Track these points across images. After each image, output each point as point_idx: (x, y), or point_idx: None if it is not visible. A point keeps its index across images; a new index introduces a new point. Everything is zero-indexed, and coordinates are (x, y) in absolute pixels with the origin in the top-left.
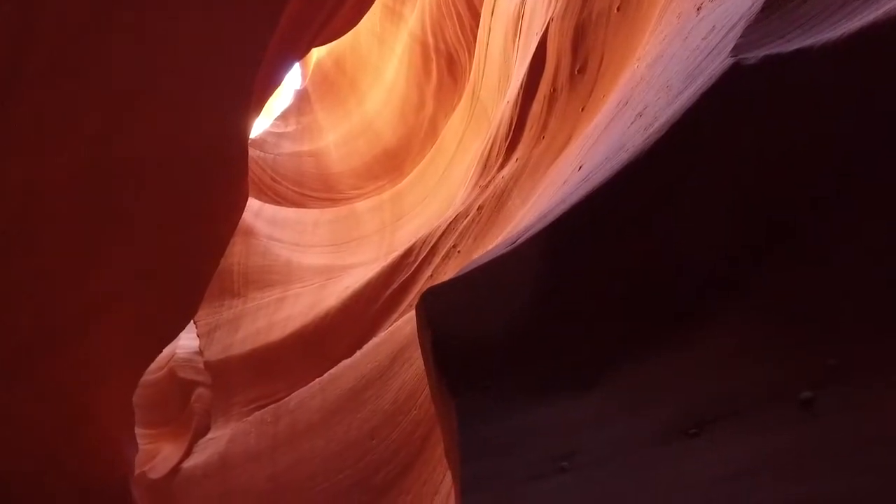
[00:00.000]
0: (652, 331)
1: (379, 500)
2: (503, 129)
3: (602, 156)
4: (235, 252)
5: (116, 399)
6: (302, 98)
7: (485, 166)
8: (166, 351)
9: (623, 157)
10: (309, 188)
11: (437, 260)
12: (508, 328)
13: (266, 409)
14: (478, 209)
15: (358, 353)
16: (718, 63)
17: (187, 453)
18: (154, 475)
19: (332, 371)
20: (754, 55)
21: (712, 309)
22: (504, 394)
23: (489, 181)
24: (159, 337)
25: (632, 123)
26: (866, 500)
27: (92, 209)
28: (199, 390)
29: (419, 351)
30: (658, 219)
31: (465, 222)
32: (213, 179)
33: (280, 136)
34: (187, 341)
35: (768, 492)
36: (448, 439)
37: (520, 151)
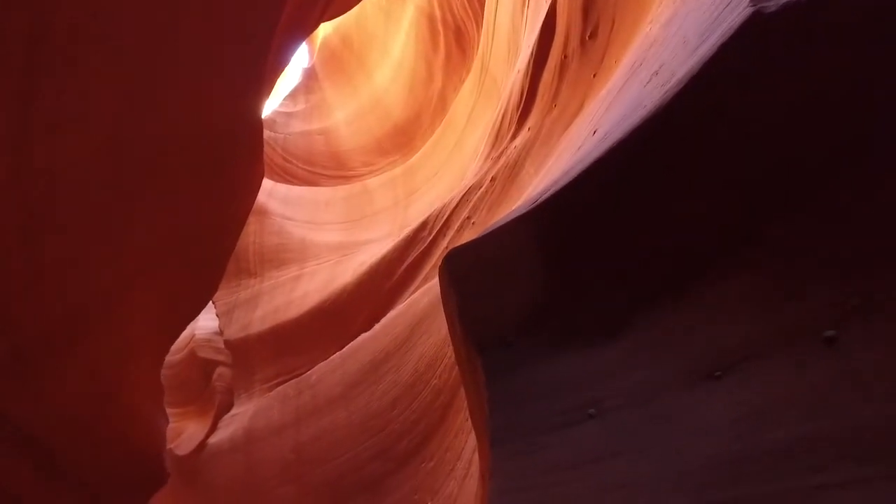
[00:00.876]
0: (674, 280)
1: (402, 469)
2: (514, 100)
3: (618, 116)
4: (250, 232)
5: (145, 374)
6: (310, 76)
7: (496, 137)
8: (186, 332)
9: (641, 113)
10: (320, 166)
11: (451, 232)
12: (531, 284)
13: (287, 383)
14: (491, 180)
15: (376, 327)
16: (737, 13)
17: (212, 430)
18: (180, 452)
19: (351, 345)
20: (774, 2)
21: (734, 257)
22: (529, 348)
23: (501, 152)
24: (183, 313)
25: (647, 83)
26: (894, 427)
27: (113, 190)
28: (220, 369)
29: (437, 322)
30: (679, 171)
31: (478, 194)
32: (230, 157)
33: (289, 115)
34: (206, 322)
35: (793, 426)
36: (473, 397)
37: (532, 121)
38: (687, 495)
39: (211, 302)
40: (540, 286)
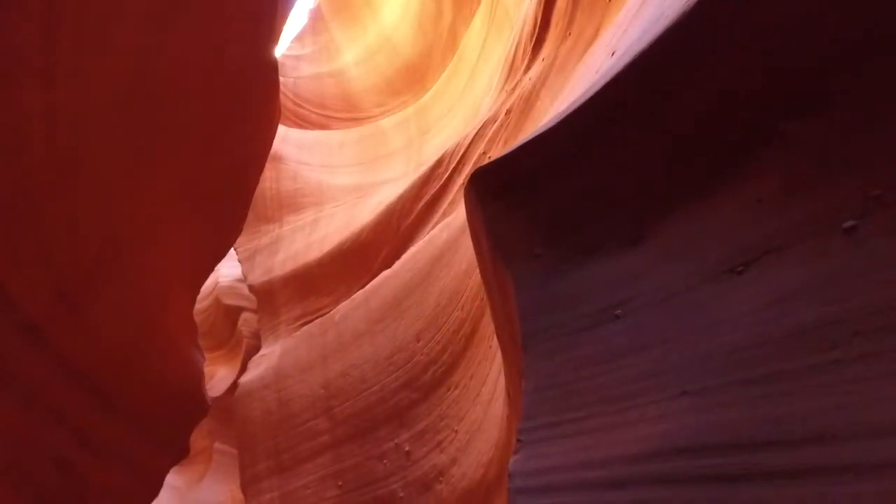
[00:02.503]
0: (696, 183)
1: (428, 397)
2: (527, 30)
3: (638, 32)
4: (266, 178)
5: (179, 312)
6: (316, 17)
7: (510, 70)
8: (209, 281)
9: (663, 23)
10: (332, 109)
11: (467, 169)
12: (556, 197)
13: (312, 323)
14: (506, 113)
15: (397, 264)
16: None
17: (242, 371)
18: (213, 394)
19: (373, 282)
20: None
21: (755, 158)
22: (556, 258)
23: (516, 84)
24: (211, 251)
25: None
26: None
27: (137, 133)
28: (245, 314)
29: (458, 255)
30: (700, 74)
31: (493, 128)
32: (247, 97)
33: (298, 58)
34: (228, 270)
35: (813, 311)
36: (501, 312)
37: (546, 50)
38: (713, 377)
39: (232, 249)
40: (564, 199)
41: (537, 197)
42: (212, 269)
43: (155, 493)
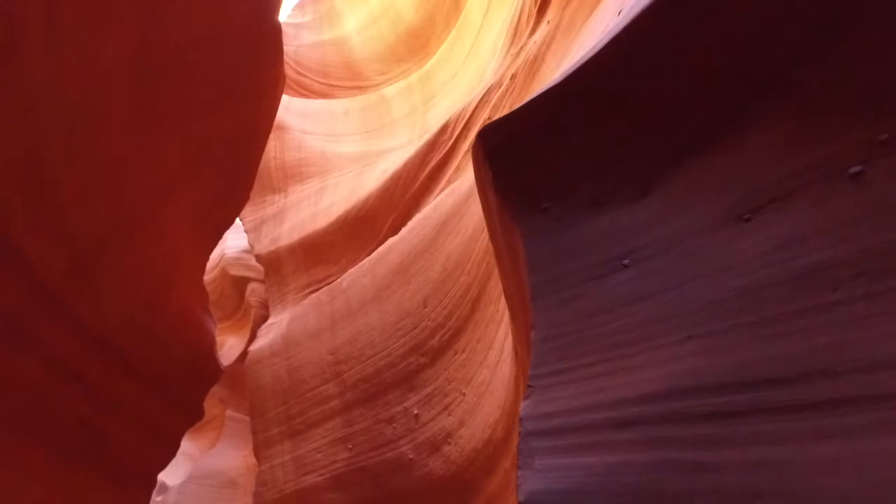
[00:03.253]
0: (703, 134)
1: (435, 362)
2: None
3: None
4: (270, 148)
5: (190, 278)
6: None
7: (515, 34)
8: (216, 252)
9: None
10: (335, 78)
11: (472, 134)
12: (563, 151)
13: (320, 291)
14: (511, 78)
15: (403, 230)
16: None
17: (251, 340)
18: (224, 363)
19: (379, 249)
20: None
21: (763, 107)
22: (564, 211)
23: (520, 48)
24: (220, 217)
25: None
26: None
27: (144, 98)
28: (252, 285)
29: (464, 221)
30: (709, 26)
31: (498, 93)
32: (251, 61)
33: (299, 26)
34: (234, 241)
35: (817, 255)
36: (509, 268)
37: (551, 13)
38: (718, 321)
39: (238, 220)
40: (571, 153)
41: (545, 152)
42: (221, 236)
43: (172, 454)
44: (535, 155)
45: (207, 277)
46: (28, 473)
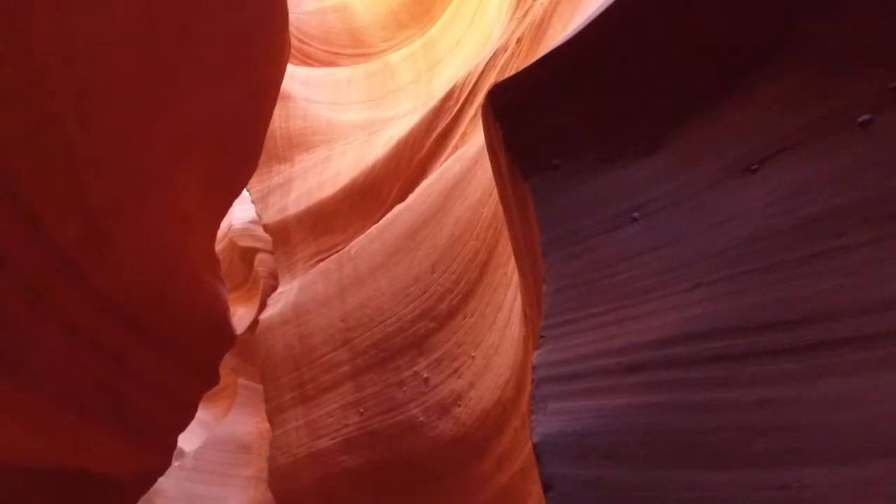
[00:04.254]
0: (713, 88)
1: (444, 326)
2: None
3: None
4: (275, 118)
5: (202, 245)
6: None
7: None
8: (223, 224)
9: None
10: (338, 45)
11: (478, 99)
12: (572, 109)
13: (328, 259)
14: (517, 42)
15: (411, 197)
16: None
17: (261, 309)
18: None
19: (387, 216)
20: None
21: (774, 60)
22: (574, 168)
23: (526, 11)
24: (229, 185)
25: None
26: None
27: (152, 65)
28: (261, 255)
29: (472, 186)
30: None
31: (504, 57)
32: (257, 26)
33: None
34: (241, 213)
35: (824, 203)
36: (520, 226)
37: None
38: (725, 269)
39: (245, 191)
40: (581, 111)
41: (554, 110)
42: (230, 204)
43: (189, 418)
44: (545, 113)
45: (216, 249)
46: (53, 437)
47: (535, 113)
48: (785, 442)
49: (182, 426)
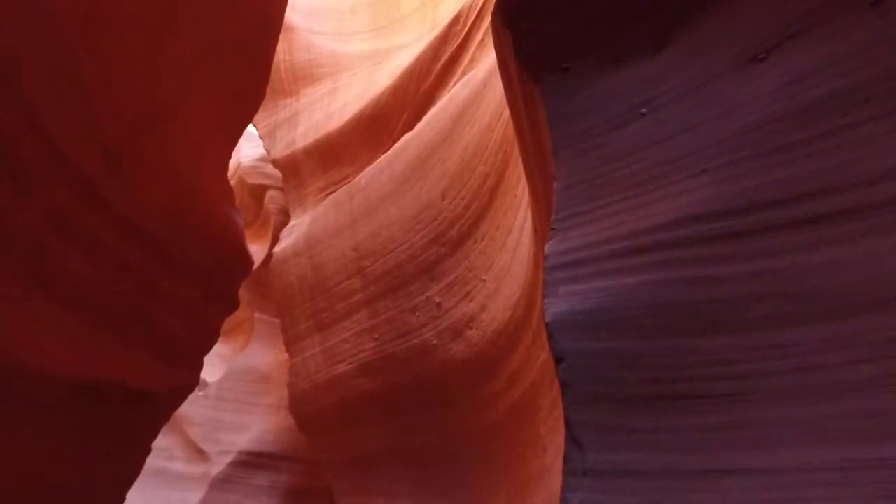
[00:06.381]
0: None
1: (455, 251)
2: None
3: None
4: (279, 51)
5: (216, 174)
6: None
7: None
8: (231, 162)
9: None
10: None
11: (485, 24)
12: (580, 11)
13: (339, 190)
14: None
15: (419, 125)
16: None
17: (273, 244)
18: None
19: (396, 145)
20: None
21: None
22: (583, 69)
23: None
24: (239, 114)
25: None
26: None
27: None
28: (270, 192)
29: (480, 110)
30: None
31: None
32: None
33: None
34: (248, 150)
35: (829, 85)
36: (530, 135)
37: None
38: (730, 154)
39: (253, 127)
40: (589, 13)
41: (563, 13)
42: (240, 134)
43: (213, 340)
44: (554, 16)
45: None
46: (90, 353)
47: (544, 17)
48: (781, 307)
49: (207, 347)
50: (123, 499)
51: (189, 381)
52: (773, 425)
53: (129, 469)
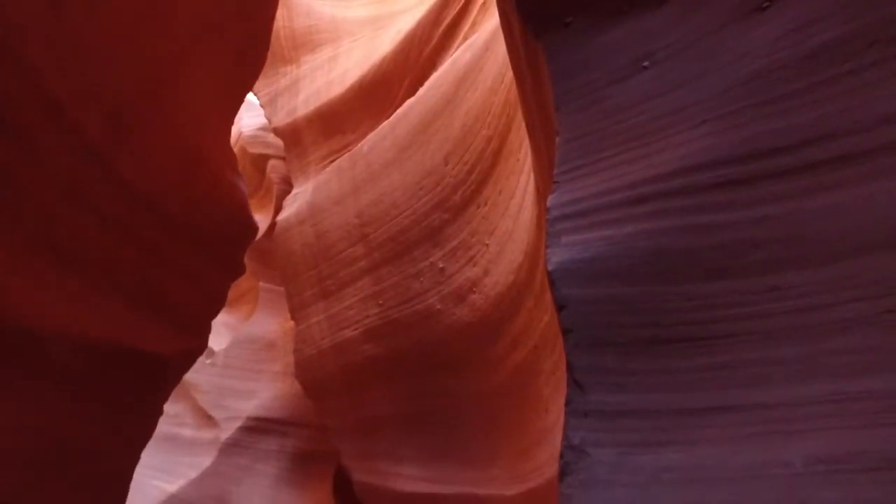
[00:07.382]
0: None
1: (459, 216)
2: None
3: None
4: (279, 17)
5: (218, 141)
6: None
7: None
8: (233, 131)
9: None
10: None
11: None
12: None
13: (341, 158)
14: None
15: (421, 90)
16: None
17: (276, 214)
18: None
19: (398, 111)
20: None
21: None
22: (585, 24)
23: None
24: (240, 80)
25: None
26: None
27: None
28: (272, 162)
29: (482, 74)
30: None
31: None
32: None
33: None
34: (249, 120)
35: (832, 31)
36: (533, 94)
37: None
38: (731, 104)
39: (254, 96)
40: None
41: None
42: (242, 100)
43: (220, 305)
44: None
45: None
46: (102, 318)
47: None
48: (779, 251)
49: (214, 312)
50: (138, 458)
51: (197, 344)
52: (768, 364)
53: (143, 430)
